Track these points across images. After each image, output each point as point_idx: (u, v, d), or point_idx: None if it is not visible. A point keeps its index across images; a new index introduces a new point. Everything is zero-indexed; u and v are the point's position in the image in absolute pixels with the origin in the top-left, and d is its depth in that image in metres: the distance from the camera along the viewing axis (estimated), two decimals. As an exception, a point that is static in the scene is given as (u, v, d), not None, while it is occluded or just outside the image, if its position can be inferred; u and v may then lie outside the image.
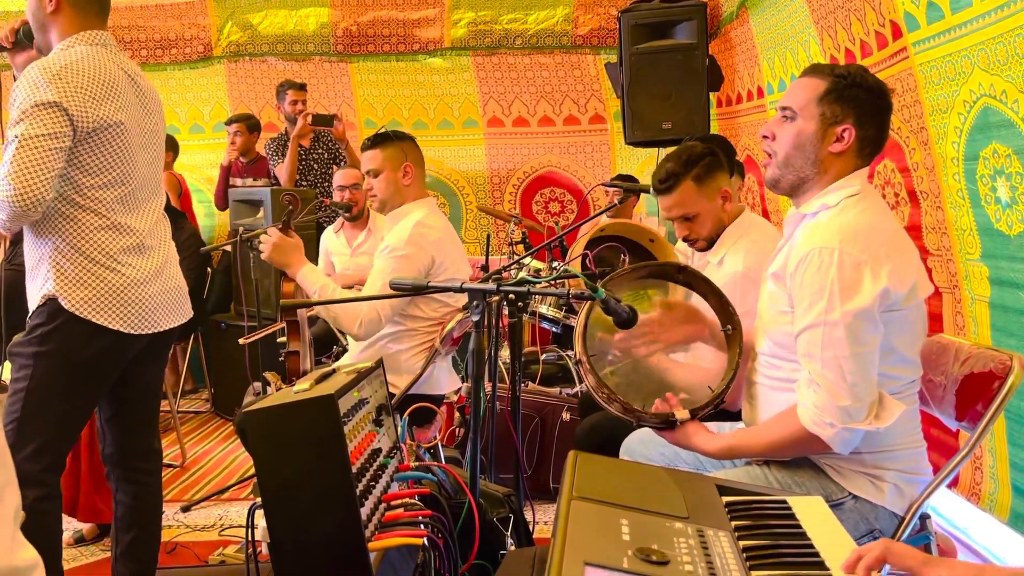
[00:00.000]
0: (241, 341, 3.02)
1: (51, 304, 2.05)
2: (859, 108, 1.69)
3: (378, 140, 2.78)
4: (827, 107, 1.70)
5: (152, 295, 2.15)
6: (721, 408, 1.91)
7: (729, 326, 1.92)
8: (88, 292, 2.05)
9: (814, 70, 1.75)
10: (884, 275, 1.59)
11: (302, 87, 4.97)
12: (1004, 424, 2.41)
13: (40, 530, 1.97)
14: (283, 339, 2.92)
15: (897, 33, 2.73)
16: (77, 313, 2.03)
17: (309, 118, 4.77)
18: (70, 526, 3.01)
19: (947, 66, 2.48)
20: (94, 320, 2.04)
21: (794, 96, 1.74)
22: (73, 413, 2.11)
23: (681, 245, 2.61)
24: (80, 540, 3.05)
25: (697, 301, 2.00)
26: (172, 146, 5.03)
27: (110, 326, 2.06)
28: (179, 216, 4.68)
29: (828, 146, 1.71)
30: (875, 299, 1.58)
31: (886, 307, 1.61)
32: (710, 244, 2.47)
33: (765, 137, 1.80)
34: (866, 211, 1.68)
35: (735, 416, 2.12)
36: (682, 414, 1.81)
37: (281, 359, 2.93)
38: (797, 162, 1.74)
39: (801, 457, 1.77)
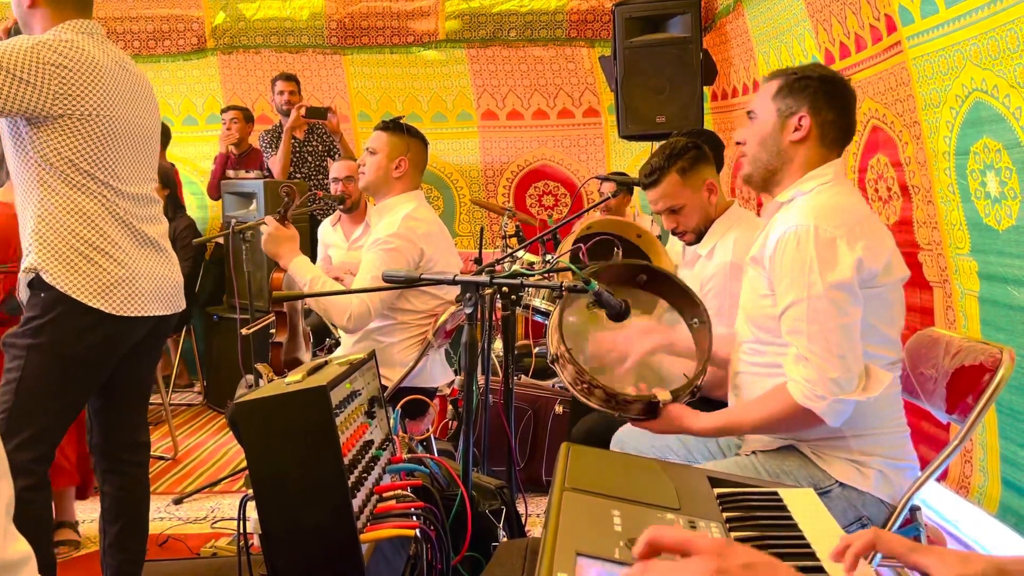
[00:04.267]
0: (243, 331, 3.02)
1: (48, 293, 2.02)
2: (812, 96, 1.79)
3: (389, 125, 2.80)
4: (781, 101, 1.81)
5: (140, 279, 2.11)
6: (703, 397, 1.91)
7: (696, 320, 1.93)
8: (78, 275, 2.02)
9: (772, 74, 1.89)
10: (859, 248, 1.66)
11: (291, 78, 4.95)
12: (996, 418, 2.42)
13: (27, 520, 1.96)
14: (274, 331, 2.93)
15: (892, 27, 2.73)
16: (69, 294, 2.01)
17: (303, 110, 4.75)
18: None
19: (940, 60, 2.48)
20: (85, 302, 2.02)
21: (755, 100, 1.89)
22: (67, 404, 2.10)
23: (675, 245, 2.61)
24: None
25: (665, 318, 2.00)
26: (164, 134, 5.01)
27: (100, 307, 2.03)
28: (177, 207, 4.66)
29: (788, 136, 1.81)
30: (852, 269, 1.64)
31: (863, 282, 1.66)
32: (699, 237, 2.47)
33: (739, 143, 1.92)
34: (840, 194, 1.77)
35: (722, 406, 2.13)
36: (664, 395, 1.77)
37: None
38: (763, 156, 1.84)
39: (787, 445, 1.79)
